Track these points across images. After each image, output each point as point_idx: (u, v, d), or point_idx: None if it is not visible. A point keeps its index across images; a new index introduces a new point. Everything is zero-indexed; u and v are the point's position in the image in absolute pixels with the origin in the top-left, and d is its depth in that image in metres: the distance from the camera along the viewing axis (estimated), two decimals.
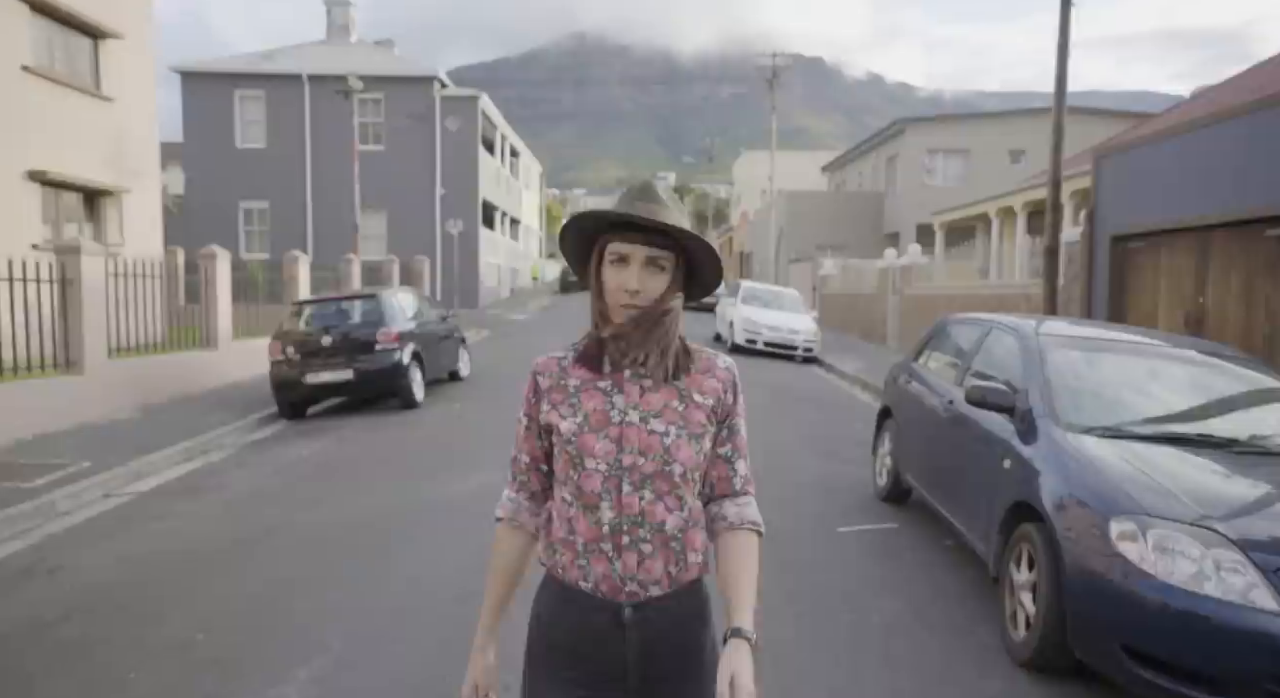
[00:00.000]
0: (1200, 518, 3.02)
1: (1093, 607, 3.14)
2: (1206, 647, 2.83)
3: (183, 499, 6.52)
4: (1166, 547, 2.98)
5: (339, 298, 10.64)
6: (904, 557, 5.03)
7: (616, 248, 1.45)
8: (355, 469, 7.36)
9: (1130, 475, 3.35)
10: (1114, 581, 3.05)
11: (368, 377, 9.48)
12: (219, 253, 11.79)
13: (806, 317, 17.17)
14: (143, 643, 3.82)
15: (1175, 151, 8.59)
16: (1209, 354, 4.55)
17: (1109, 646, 3.07)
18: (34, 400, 8.04)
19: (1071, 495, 3.42)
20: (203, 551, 5.15)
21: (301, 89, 28.35)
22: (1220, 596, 2.83)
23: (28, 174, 13.40)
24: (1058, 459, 3.65)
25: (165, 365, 10.42)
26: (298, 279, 14.34)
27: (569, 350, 1.56)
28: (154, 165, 17.35)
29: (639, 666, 1.47)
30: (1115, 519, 3.13)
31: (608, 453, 1.45)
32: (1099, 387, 4.14)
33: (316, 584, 4.53)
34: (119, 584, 4.61)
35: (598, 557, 1.46)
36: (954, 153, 28.56)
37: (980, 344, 5.08)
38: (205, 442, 8.34)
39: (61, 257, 8.61)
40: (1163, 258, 8.76)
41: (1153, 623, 2.93)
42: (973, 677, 3.53)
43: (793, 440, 8.30)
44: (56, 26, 14.25)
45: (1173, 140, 8.66)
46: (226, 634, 3.88)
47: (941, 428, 5.04)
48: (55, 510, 6.06)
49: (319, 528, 5.55)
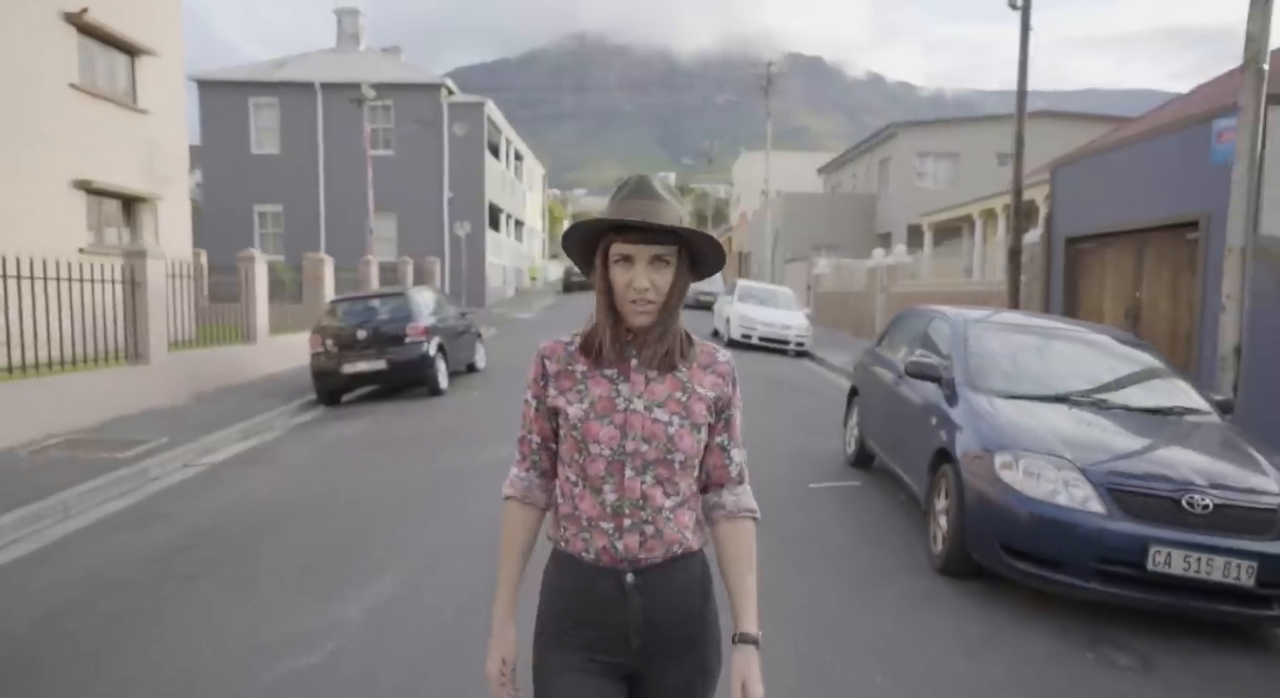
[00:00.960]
0: (1057, 451, 4.10)
1: (982, 519, 4.22)
2: (1056, 540, 3.91)
3: (250, 468, 7.60)
4: (1032, 472, 4.06)
5: (370, 296, 11.70)
6: (862, 505, 6.11)
7: (620, 249, 1.49)
8: (392, 445, 8.43)
9: (1015, 424, 4.43)
10: (996, 499, 4.13)
11: (399, 366, 10.57)
12: (257, 256, 12.87)
13: (799, 314, 18.21)
14: (258, 559, 4.91)
15: (1120, 163, 9.66)
16: (1102, 337, 5.64)
17: (992, 546, 4.14)
18: (109, 387, 9.12)
19: (973, 440, 4.49)
20: (278, 505, 6.23)
21: (314, 96, 29.42)
22: (1066, 504, 3.91)
23: (74, 183, 14.45)
24: (969, 415, 4.73)
25: (212, 358, 11.50)
26: (322, 279, 15.43)
27: (574, 336, 1.61)
28: (184, 173, 18.41)
29: (641, 630, 1.54)
30: (998, 454, 4.21)
31: (612, 438, 1.51)
32: (1008, 361, 5.22)
33: (376, 527, 5.60)
34: (220, 526, 5.68)
35: (599, 533, 1.53)
36: (944, 156, 29.61)
37: (924, 330, 6.16)
38: (258, 424, 9.41)
39: (130, 261, 9.69)
40: (1108, 257, 9.84)
41: (1021, 527, 4.01)
42: (904, 580, 4.60)
43: (780, 422, 9.36)
44: (99, 46, 15.31)
45: (1118, 153, 9.74)
46: (320, 557, 4.96)
47: (892, 399, 6.12)
48: (148, 476, 7.15)
49: (369, 489, 6.62)
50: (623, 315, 1.53)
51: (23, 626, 4.07)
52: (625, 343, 1.55)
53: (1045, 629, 3.99)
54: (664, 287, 1.49)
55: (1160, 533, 3.73)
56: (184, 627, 4.00)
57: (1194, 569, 3.69)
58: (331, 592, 4.38)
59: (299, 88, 29.40)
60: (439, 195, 29.87)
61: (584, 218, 1.58)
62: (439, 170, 29.84)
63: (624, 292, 1.49)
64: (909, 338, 6.52)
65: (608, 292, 1.53)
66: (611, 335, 1.54)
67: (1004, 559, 4.10)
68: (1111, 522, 3.81)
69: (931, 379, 5.22)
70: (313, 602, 4.24)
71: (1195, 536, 3.72)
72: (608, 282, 1.52)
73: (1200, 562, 3.68)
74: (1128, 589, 3.79)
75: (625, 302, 1.50)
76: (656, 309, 1.51)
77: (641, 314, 1.51)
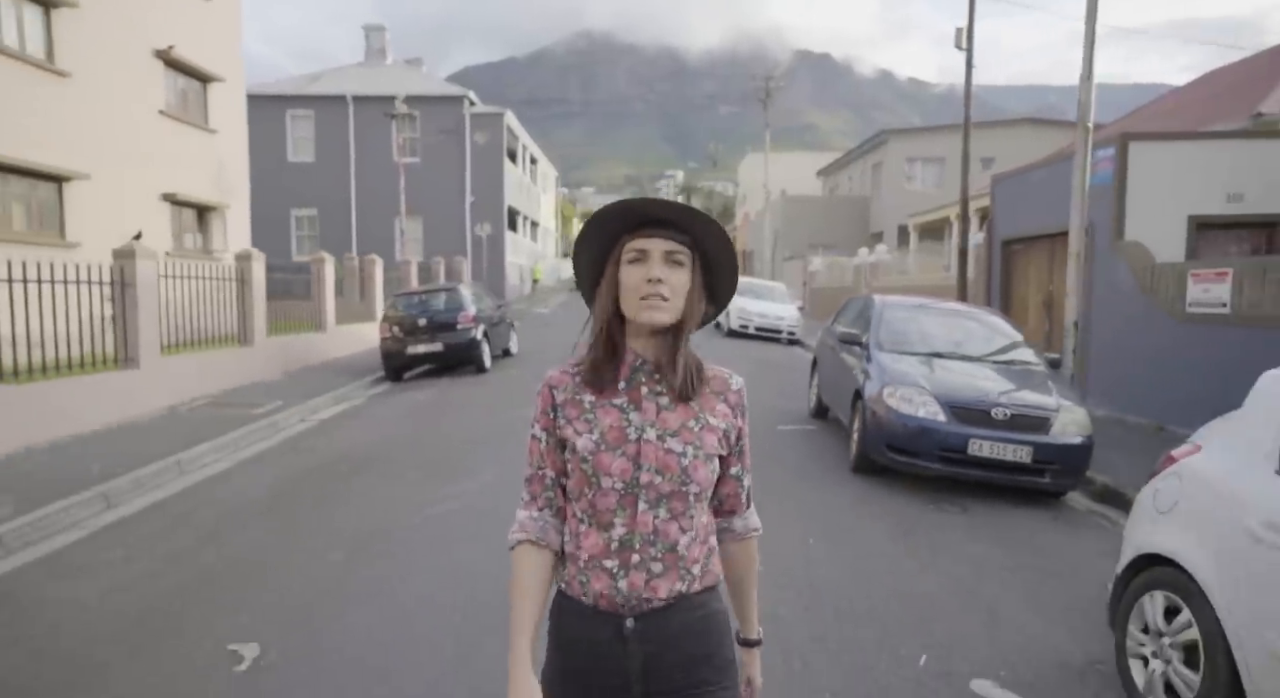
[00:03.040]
0: (920, 384, 6.35)
1: (875, 430, 6.46)
2: (917, 440, 6.15)
3: (352, 421, 9.91)
4: (905, 398, 6.30)
5: (427, 291, 13.99)
6: (814, 439, 8.36)
7: (636, 245, 1.46)
8: (455, 406, 10.72)
9: (900, 370, 6.68)
10: (883, 416, 6.38)
11: (452, 348, 12.88)
12: (327, 258, 15.20)
13: (791, 306, 20.43)
14: (392, 466, 7.22)
15: (1038, 180, 11.85)
16: (984, 315, 7.88)
17: (880, 446, 6.40)
18: (226, 365, 11.45)
19: (875, 382, 6.73)
20: (387, 441, 8.53)
21: (346, 108, 31.76)
22: (923, 416, 6.15)
23: (162, 196, 16.82)
24: (875, 367, 6.96)
25: (295, 343, 13.84)
26: (375, 278, 17.77)
27: (580, 363, 1.55)
28: (245, 184, 20.78)
29: (641, 678, 1.47)
30: (885, 387, 6.46)
31: (624, 471, 1.45)
32: (907, 330, 7.45)
33: (466, 451, 7.88)
34: (352, 453, 7.98)
35: (598, 573, 1.46)
36: (931, 160, 31.74)
37: (859, 310, 8.40)
38: (342, 394, 11.72)
39: (240, 263, 12.02)
40: (1031, 257, 12.05)
41: (897, 433, 6.26)
42: (831, 476, 6.84)
43: (764, 390, 11.58)
44: (180, 76, 17.68)
45: (1036, 172, 11.94)
46: (436, 465, 7.24)
47: (835, 361, 8.36)
48: (278, 426, 9.47)
49: (450, 431, 8.91)
50: (632, 322, 1.49)
51: (264, 494, 6.39)
52: (633, 369, 1.51)
53: (908, 494, 6.26)
54: (677, 286, 1.46)
55: (977, 432, 5.99)
56: (364, 495, 6.31)
57: (996, 453, 5.94)
58: (450, 480, 6.68)
59: (332, 100, 31.75)
60: (462, 199, 32.20)
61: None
62: (461, 176, 32.15)
63: (635, 288, 1.45)
64: (851, 317, 8.75)
65: (612, 306, 1.50)
66: (605, 356, 1.50)
67: (887, 455, 6.36)
68: (948, 426, 6.07)
69: (856, 344, 7.47)
70: (441, 484, 6.54)
71: (997, 432, 5.97)
72: (614, 296, 1.49)
73: (1000, 448, 5.93)
74: (957, 467, 6.06)
75: (635, 301, 1.46)
76: (672, 310, 1.46)
77: (652, 310, 1.45)
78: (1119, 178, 9.26)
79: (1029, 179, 12.10)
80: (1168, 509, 3.08)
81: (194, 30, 17.34)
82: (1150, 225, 9.27)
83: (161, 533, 5.58)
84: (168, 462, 7.27)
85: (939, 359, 6.98)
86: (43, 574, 4.82)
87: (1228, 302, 7.51)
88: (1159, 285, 8.58)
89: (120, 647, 3.76)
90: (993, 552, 5.13)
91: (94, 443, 7.94)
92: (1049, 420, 6.05)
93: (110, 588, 4.54)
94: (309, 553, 5.05)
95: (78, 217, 13.79)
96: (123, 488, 6.52)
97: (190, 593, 4.44)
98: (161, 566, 4.91)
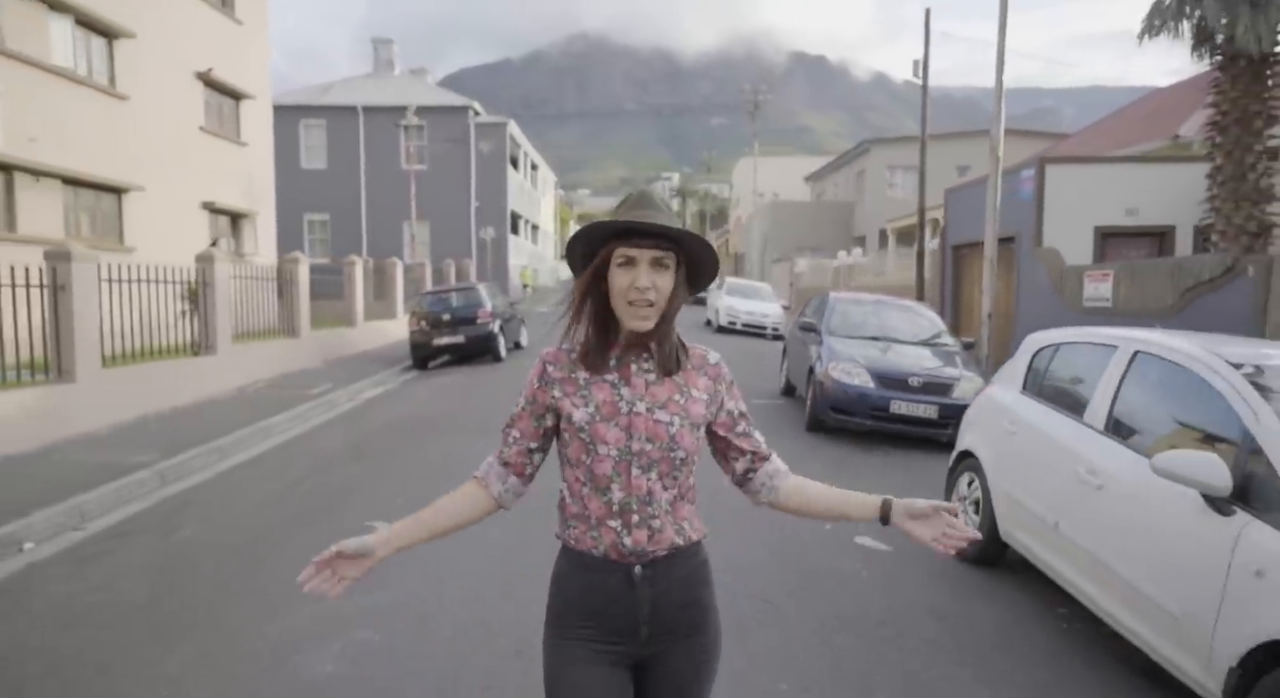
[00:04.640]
0: (857, 359, 8.16)
1: (822, 396, 8.26)
2: (853, 402, 7.97)
3: (392, 400, 11.68)
4: (845, 370, 8.11)
5: (449, 289, 15.77)
6: (780, 410, 10.16)
7: (624, 252, 1.57)
8: (481, 388, 12.49)
9: (843, 350, 8.48)
10: (828, 386, 8.18)
11: (473, 340, 14.67)
12: (357, 260, 16.96)
13: (775, 305, 22.27)
14: (441, 429, 9.00)
15: (980, 193, 13.67)
16: (915, 306, 9.70)
17: (825, 409, 8.21)
18: (280, 352, 13.20)
19: (822, 359, 8.53)
20: (430, 414, 10.30)
21: (356, 117, 33.47)
22: (858, 384, 7.96)
23: (202, 204, 18.56)
24: (825, 349, 8.76)
25: (331, 337, 15.60)
26: (395, 279, 19.55)
27: (573, 345, 1.69)
28: (271, 192, 22.52)
29: (650, 620, 1.65)
30: (831, 363, 8.28)
31: (618, 440, 1.61)
32: (853, 318, 9.25)
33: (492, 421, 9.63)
34: (404, 422, 9.75)
35: (607, 530, 1.63)
36: (910, 169, 33.50)
37: (818, 305, 10.21)
38: (378, 379, 13.49)
39: (284, 265, 13.77)
40: (975, 260, 13.87)
41: (839, 397, 8.06)
42: (789, 433, 8.63)
43: (748, 375, 13.39)
44: (216, 95, 19.42)
45: (978, 186, 13.77)
46: (477, 429, 9.01)
47: (798, 346, 10.15)
48: (333, 404, 11.23)
49: (476, 407, 10.67)
50: (619, 320, 1.61)
51: (342, 447, 8.17)
52: (623, 349, 1.65)
53: (847, 445, 8.08)
54: (663, 289, 1.57)
55: (897, 395, 7.81)
56: (425, 447, 8.10)
57: (911, 411, 7.77)
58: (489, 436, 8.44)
59: (343, 110, 33.45)
60: (467, 204, 33.94)
61: (590, 219, 1.78)
62: (467, 182, 33.89)
63: (624, 293, 1.57)
64: (812, 311, 10.56)
65: (602, 299, 1.62)
66: (597, 341, 1.64)
67: (831, 415, 8.17)
68: (876, 391, 7.89)
69: (812, 331, 9.28)
70: (481, 439, 8.31)
71: (912, 395, 7.79)
72: (603, 291, 1.61)
73: (914, 407, 7.76)
74: (883, 422, 7.89)
75: (624, 304, 1.58)
76: (655, 314, 1.59)
77: (639, 318, 1.58)
78: (1038, 194, 11.10)
79: (974, 192, 13.93)
80: (973, 422, 4.89)
81: (229, 52, 19.09)
82: (1065, 234, 11.11)
83: (276, 472, 7.36)
84: (255, 427, 9.03)
85: (875, 342, 8.80)
86: (206, 494, 6.60)
87: (1109, 297, 9.34)
88: (1066, 284, 10.40)
89: (287, 527, 5.54)
90: (900, 478, 6.95)
91: (190, 414, 9.70)
92: (951, 386, 7.87)
93: (261, 503, 6.31)
94: (396, 480, 6.83)
95: (133, 224, 15.56)
96: (228, 445, 8.28)
97: (319, 501, 6.22)
98: (286, 489, 6.69)
